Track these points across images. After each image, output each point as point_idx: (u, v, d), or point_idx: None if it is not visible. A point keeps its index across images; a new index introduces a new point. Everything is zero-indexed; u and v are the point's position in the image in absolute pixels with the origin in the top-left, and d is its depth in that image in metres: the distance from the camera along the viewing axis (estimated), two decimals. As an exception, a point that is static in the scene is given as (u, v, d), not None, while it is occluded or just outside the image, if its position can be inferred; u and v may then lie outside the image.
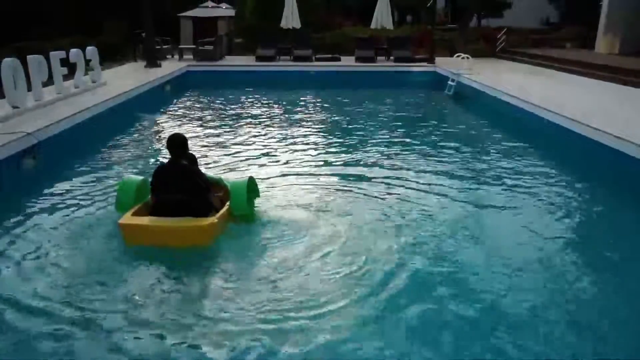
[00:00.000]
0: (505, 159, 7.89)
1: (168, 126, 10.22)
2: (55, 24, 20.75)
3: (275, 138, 9.32)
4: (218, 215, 4.79)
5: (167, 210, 4.72)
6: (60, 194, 6.07)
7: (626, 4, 17.34)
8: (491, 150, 8.48)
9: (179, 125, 10.35)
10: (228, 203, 5.06)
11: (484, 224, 5.45)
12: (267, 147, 8.66)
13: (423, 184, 6.64)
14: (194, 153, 5.36)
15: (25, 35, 17.35)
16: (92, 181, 6.57)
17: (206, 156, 7.85)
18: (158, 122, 10.59)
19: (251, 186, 5.31)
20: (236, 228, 5.00)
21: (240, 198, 5.01)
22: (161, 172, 4.88)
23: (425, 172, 7.16)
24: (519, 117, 9.97)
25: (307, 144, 8.92)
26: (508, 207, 5.91)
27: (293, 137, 9.37)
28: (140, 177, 5.26)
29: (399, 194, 6.24)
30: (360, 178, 6.88)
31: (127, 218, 4.70)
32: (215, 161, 7.66)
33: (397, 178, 6.86)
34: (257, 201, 5.55)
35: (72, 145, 7.82)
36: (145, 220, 4.73)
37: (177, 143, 4.86)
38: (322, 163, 7.71)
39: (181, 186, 4.76)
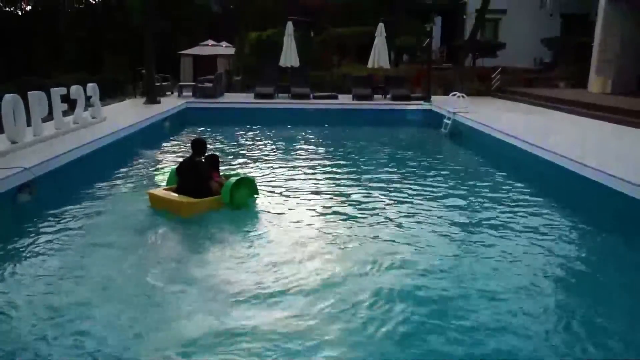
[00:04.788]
0: (500, 197, 7.92)
1: (166, 161, 10.25)
2: (59, 61, 21.16)
3: (272, 171, 9.43)
4: (200, 199, 6.49)
5: (180, 191, 6.68)
6: (55, 229, 6.04)
7: (616, 47, 17.79)
8: (486, 188, 8.50)
9: (178, 161, 10.42)
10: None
11: (476, 259, 5.43)
12: (264, 176, 8.87)
13: (414, 215, 6.84)
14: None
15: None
16: (88, 216, 6.55)
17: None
18: (156, 157, 10.63)
19: (246, 184, 6.95)
20: (227, 213, 6.57)
21: (226, 191, 6.59)
22: (181, 164, 7.10)
23: (417, 206, 7.31)
24: (514, 154, 10.05)
25: (303, 177, 9.06)
26: (503, 242, 5.92)
27: (289, 170, 9.47)
28: None
29: (389, 222, 6.54)
30: (352, 207, 7.28)
31: (154, 190, 7.05)
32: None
33: (389, 210, 7.09)
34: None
35: (69, 180, 7.82)
36: (159, 192, 6.82)
37: (196, 144, 6.91)
38: (315, 193, 8.00)
39: (190, 175, 6.75)
